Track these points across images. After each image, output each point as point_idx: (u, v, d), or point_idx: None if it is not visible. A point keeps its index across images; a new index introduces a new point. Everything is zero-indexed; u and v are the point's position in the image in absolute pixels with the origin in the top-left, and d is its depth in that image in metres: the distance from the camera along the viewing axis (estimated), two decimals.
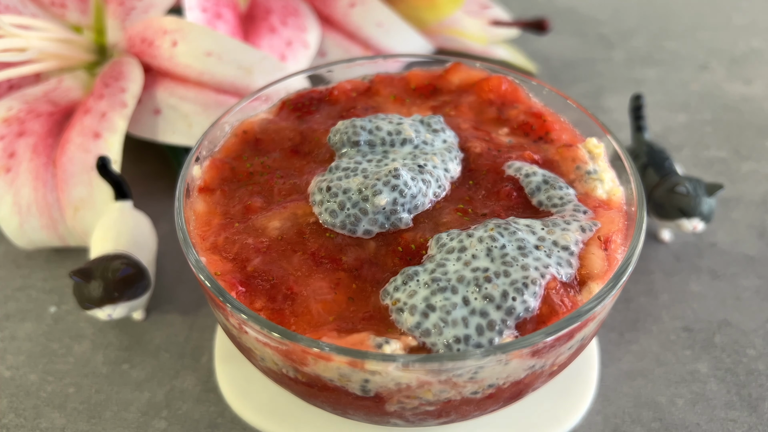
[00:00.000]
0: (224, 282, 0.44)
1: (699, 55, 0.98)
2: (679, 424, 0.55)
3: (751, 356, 0.60)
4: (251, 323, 0.41)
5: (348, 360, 0.39)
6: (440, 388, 0.41)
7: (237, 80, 0.68)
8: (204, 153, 0.54)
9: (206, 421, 0.55)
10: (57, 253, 0.70)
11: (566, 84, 0.92)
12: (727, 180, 0.77)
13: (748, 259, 0.68)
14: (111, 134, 0.65)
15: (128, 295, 0.57)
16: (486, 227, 0.45)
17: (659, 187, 0.65)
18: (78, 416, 0.56)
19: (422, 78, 0.61)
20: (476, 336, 0.40)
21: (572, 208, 0.48)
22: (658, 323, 0.62)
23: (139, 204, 0.66)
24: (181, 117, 0.69)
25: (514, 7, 1.02)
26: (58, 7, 0.73)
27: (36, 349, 0.61)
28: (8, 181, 0.65)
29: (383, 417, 0.45)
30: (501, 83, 0.59)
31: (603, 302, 0.42)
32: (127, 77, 0.68)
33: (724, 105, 0.89)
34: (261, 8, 0.79)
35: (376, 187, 0.47)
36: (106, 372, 0.59)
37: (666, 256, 0.68)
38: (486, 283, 0.42)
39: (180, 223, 0.47)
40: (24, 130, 0.66)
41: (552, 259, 0.44)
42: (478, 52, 0.88)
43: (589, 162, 0.52)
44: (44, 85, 0.71)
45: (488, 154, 0.53)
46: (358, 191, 0.47)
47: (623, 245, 0.47)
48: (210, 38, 0.69)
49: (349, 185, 0.48)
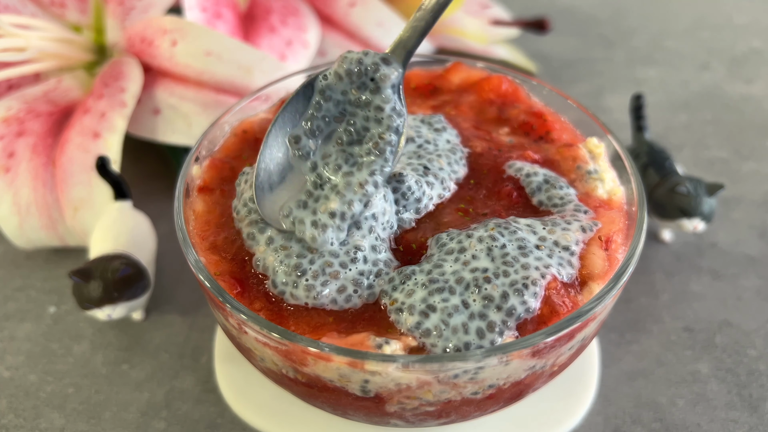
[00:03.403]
0: (224, 282, 0.44)
1: (699, 55, 0.98)
2: (680, 424, 0.55)
3: (752, 357, 0.60)
4: (251, 323, 0.41)
5: (348, 360, 0.39)
6: (440, 389, 0.41)
7: (237, 80, 0.68)
8: (203, 153, 0.54)
9: (206, 422, 0.55)
10: (56, 253, 0.70)
11: (566, 84, 0.92)
12: (728, 180, 0.76)
13: (749, 259, 0.68)
14: (110, 134, 0.65)
15: (128, 295, 0.57)
16: (486, 227, 0.45)
17: (660, 187, 0.64)
18: (77, 417, 0.56)
19: (422, 77, 0.61)
20: (477, 340, 0.40)
21: (573, 207, 0.48)
22: (658, 323, 0.62)
23: (139, 204, 0.65)
24: (180, 117, 0.69)
25: (514, 7, 1.01)
26: (57, 6, 0.73)
27: (35, 350, 0.61)
28: (8, 181, 0.65)
29: (383, 417, 0.45)
30: (501, 83, 0.59)
31: (604, 302, 0.42)
32: (127, 77, 0.68)
33: (725, 105, 0.88)
34: (261, 8, 0.79)
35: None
36: (105, 372, 0.59)
37: (666, 256, 0.68)
38: (485, 283, 0.42)
39: (179, 223, 0.47)
40: (23, 130, 0.66)
41: (553, 259, 0.44)
42: (479, 52, 0.88)
43: (589, 162, 0.52)
44: (44, 84, 0.71)
45: (489, 153, 0.53)
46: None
47: (624, 245, 0.47)
48: (210, 38, 0.68)
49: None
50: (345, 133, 0.46)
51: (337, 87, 0.45)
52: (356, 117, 0.46)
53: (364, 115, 0.45)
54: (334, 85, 0.45)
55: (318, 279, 0.43)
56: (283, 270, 0.43)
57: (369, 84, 0.45)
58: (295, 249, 0.44)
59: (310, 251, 0.44)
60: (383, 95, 0.45)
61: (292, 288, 0.43)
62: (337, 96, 0.46)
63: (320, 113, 0.46)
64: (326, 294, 0.43)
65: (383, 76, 0.44)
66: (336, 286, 0.43)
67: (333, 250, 0.44)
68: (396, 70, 0.45)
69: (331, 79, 0.45)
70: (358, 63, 0.44)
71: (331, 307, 0.43)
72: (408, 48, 0.46)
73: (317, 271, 0.43)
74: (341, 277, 0.43)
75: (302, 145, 0.46)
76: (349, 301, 0.43)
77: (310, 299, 0.43)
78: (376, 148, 0.45)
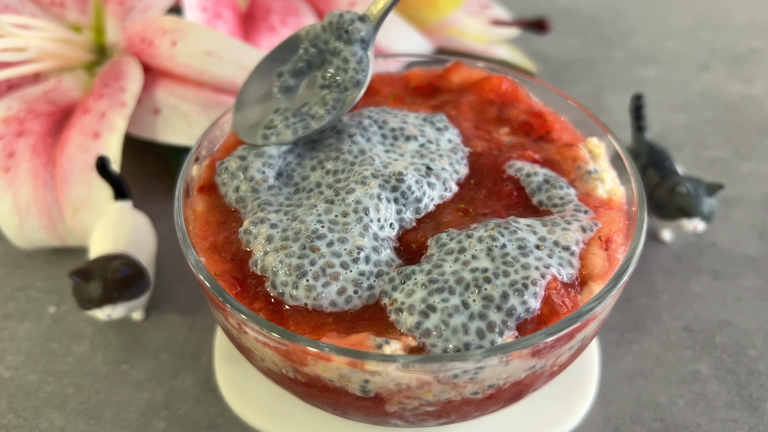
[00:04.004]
0: (224, 282, 0.44)
1: (699, 55, 0.98)
2: (680, 424, 0.55)
3: (752, 356, 0.60)
4: (251, 323, 0.41)
5: (348, 360, 0.39)
6: (440, 389, 0.41)
7: (237, 80, 0.68)
8: (203, 153, 0.54)
9: (206, 422, 0.55)
10: (56, 253, 0.70)
11: (566, 84, 0.92)
12: (728, 180, 0.77)
13: (749, 259, 0.68)
14: (110, 134, 0.65)
15: (128, 295, 0.57)
16: (486, 227, 0.45)
17: (660, 187, 0.64)
18: (77, 417, 0.56)
19: (422, 77, 0.61)
20: (477, 340, 0.40)
21: (573, 207, 0.48)
22: (658, 323, 0.62)
23: (139, 204, 0.65)
24: (180, 117, 0.69)
25: (515, 7, 1.01)
26: (57, 6, 0.73)
27: (35, 350, 0.61)
28: (7, 180, 0.65)
29: (383, 417, 0.45)
30: (501, 83, 0.59)
31: (604, 302, 0.42)
32: (127, 77, 0.68)
33: (725, 105, 0.88)
34: (261, 8, 0.79)
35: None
36: (105, 372, 0.59)
37: (666, 256, 0.68)
38: (485, 283, 0.42)
39: (179, 223, 0.47)
40: (23, 130, 0.66)
41: (553, 259, 0.44)
42: (479, 52, 0.88)
43: (589, 162, 0.52)
44: (43, 84, 0.71)
45: (489, 153, 0.53)
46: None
47: (624, 245, 0.47)
48: (210, 38, 0.68)
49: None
50: (321, 78, 0.53)
51: (321, 36, 0.53)
52: (331, 65, 0.53)
53: (336, 65, 0.53)
54: (321, 34, 0.53)
55: (319, 280, 0.43)
56: (284, 271, 0.43)
57: (343, 35, 0.52)
58: (295, 249, 0.44)
59: (312, 250, 0.44)
60: (352, 48, 0.52)
61: (292, 289, 0.43)
62: (321, 45, 0.53)
63: (306, 57, 0.53)
64: (325, 296, 0.43)
65: (355, 29, 0.52)
66: (336, 287, 0.43)
67: (335, 250, 0.44)
68: (367, 26, 0.52)
69: (319, 28, 0.53)
70: (339, 16, 0.52)
71: (330, 310, 0.43)
72: (383, 11, 0.53)
73: (318, 272, 0.43)
74: (341, 278, 0.43)
75: (284, 80, 0.53)
76: (349, 303, 0.43)
77: (310, 300, 0.43)
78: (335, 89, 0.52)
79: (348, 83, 0.52)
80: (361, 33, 0.52)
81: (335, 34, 0.52)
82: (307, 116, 0.52)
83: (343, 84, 0.52)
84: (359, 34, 0.52)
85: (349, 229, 0.45)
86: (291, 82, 0.53)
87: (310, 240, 0.44)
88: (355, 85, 0.52)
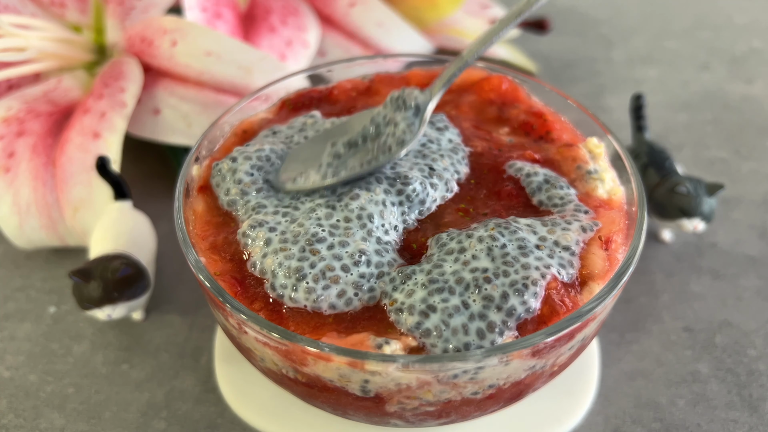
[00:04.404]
0: (224, 282, 0.44)
1: (699, 55, 0.98)
2: (680, 424, 0.55)
3: (752, 357, 0.60)
4: (251, 323, 0.41)
5: (348, 360, 0.39)
6: (440, 389, 0.41)
7: (237, 80, 0.68)
8: (203, 153, 0.54)
9: (206, 422, 0.55)
10: (56, 253, 0.70)
11: (566, 84, 0.92)
12: (728, 180, 0.76)
13: (749, 259, 0.68)
14: (110, 134, 0.65)
15: (128, 295, 0.57)
16: (486, 227, 0.45)
17: (660, 187, 0.64)
18: (77, 417, 0.56)
19: (422, 77, 0.61)
20: (477, 341, 0.40)
21: (573, 207, 0.48)
22: (658, 323, 0.62)
23: (139, 204, 0.65)
24: (180, 117, 0.69)
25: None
26: (57, 6, 0.73)
27: (35, 350, 0.61)
28: (8, 181, 0.65)
29: (383, 417, 0.45)
30: (501, 83, 0.59)
31: (604, 302, 0.42)
32: (127, 77, 0.68)
33: (725, 105, 0.88)
34: (261, 8, 0.79)
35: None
36: (105, 372, 0.59)
37: (666, 256, 0.68)
38: (485, 283, 0.42)
39: (179, 223, 0.47)
40: (23, 130, 0.66)
41: (553, 259, 0.44)
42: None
43: (589, 162, 0.52)
44: (43, 84, 0.71)
45: (489, 153, 0.53)
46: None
47: (624, 245, 0.47)
48: (210, 38, 0.68)
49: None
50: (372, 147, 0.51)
51: (381, 113, 0.52)
52: (383, 135, 0.51)
53: (388, 132, 0.51)
54: (381, 111, 0.52)
55: (319, 282, 0.43)
56: (283, 273, 0.43)
57: (401, 105, 0.51)
58: (294, 252, 0.44)
59: (312, 253, 0.44)
60: (406, 113, 0.51)
61: (292, 291, 0.43)
62: (379, 119, 0.52)
63: (363, 132, 0.52)
64: (324, 298, 0.43)
65: (410, 95, 0.51)
66: (336, 290, 0.43)
67: (336, 253, 0.44)
68: (424, 96, 0.51)
69: (382, 108, 0.52)
70: (399, 91, 0.52)
71: (330, 312, 0.43)
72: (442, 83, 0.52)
73: (317, 275, 0.43)
74: (342, 281, 0.43)
75: (336, 149, 0.51)
76: (349, 305, 0.43)
77: (309, 302, 0.43)
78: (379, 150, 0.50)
79: (393, 144, 0.50)
80: (417, 100, 0.51)
81: (394, 106, 0.51)
82: (341, 167, 0.50)
83: (387, 145, 0.50)
84: (414, 102, 0.51)
85: (350, 234, 0.45)
86: (342, 150, 0.51)
87: (309, 243, 0.44)
88: (398, 144, 0.50)
